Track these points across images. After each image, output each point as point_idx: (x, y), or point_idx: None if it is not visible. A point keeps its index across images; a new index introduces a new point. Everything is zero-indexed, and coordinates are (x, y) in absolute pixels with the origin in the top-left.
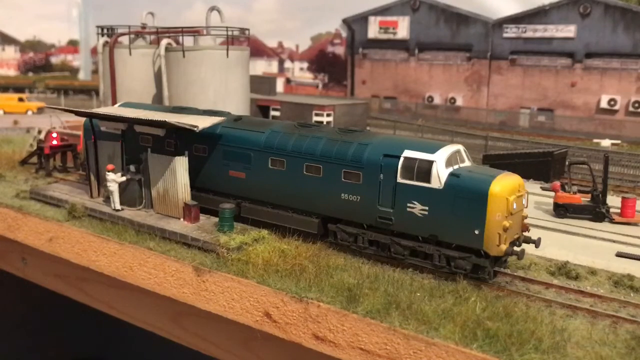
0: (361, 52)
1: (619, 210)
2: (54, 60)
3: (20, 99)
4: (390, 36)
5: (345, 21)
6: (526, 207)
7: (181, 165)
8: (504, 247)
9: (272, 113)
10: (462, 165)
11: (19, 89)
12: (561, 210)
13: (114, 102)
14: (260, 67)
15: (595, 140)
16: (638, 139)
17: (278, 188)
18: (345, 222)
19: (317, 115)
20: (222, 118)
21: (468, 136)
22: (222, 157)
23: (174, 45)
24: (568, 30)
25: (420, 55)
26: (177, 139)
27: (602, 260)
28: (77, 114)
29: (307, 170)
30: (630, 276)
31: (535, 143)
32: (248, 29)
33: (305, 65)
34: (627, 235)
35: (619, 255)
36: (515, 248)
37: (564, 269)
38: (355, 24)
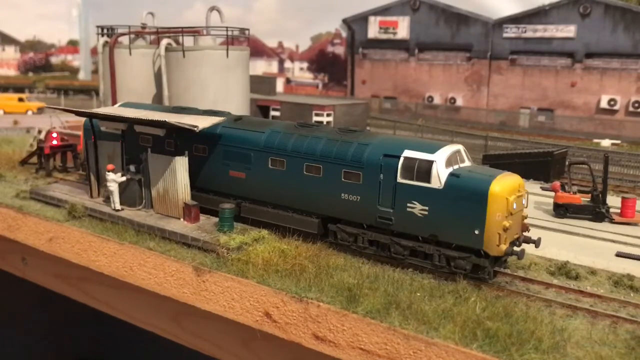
0: (361, 52)
1: (619, 210)
2: (54, 60)
3: (20, 99)
4: (390, 36)
5: (345, 21)
6: (526, 207)
7: (181, 165)
8: (504, 247)
9: (272, 113)
10: (462, 165)
11: (19, 89)
12: (561, 210)
13: (114, 102)
14: (260, 67)
15: (595, 140)
16: (638, 139)
17: (278, 188)
18: (345, 222)
19: (317, 115)
20: (222, 118)
21: (468, 136)
22: (222, 157)
23: (174, 45)
24: (568, 30)
25: (420, 55)
26: (177, 139)
27: (602, 260)
28: (77, 114)
29: (307, 170)
30: (630, 276)
31: (535, 143)
32: (248, 29)
33: (305, 65)
34: (627, 235)
35: (619, 255)
36: (515, 248)
37: (564, 269)
38: (355, 24)
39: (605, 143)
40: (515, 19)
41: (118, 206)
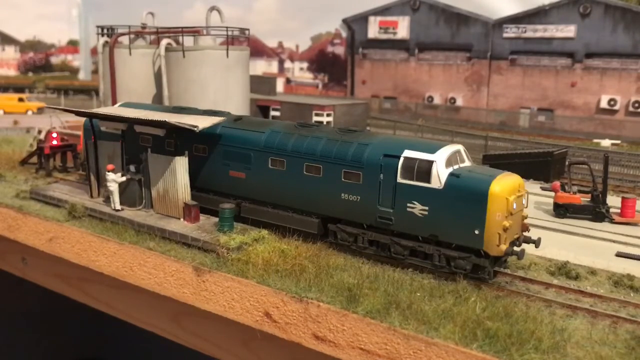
0: (361, 52)
1: (619, 210)
2: (54, 60)
3: (20, 99)
4: (390, 36)
5: (345, 21)
6: (526, 207)
7: (181, 165)
8: (504, 247)
9: (272, 113)
10: (462, 165)
11: (19, 89)
12: (561, 210)
13: (114, 102)
14: (260, 67)
15: (595, 140)
16: (638, 139)
17: (278, 188)
18: (345, 222)
19: (317, 115)
20: (222, 118)
21: (468, 136)
22: (222, 157)
23: (174, 45)
24: (568, 30)
25: (420, 55)
26: (177, 139)
27: (602, 260)
28: (77, 114)
29: (307, 170)
30: (630, 276)
31: (535, 143)
32: (248, 29)
33: (305, 65)
34: (627, 235)
35: (619, 255)
36: (515, 248)
37: (564, 269)
38: (355, 24)
39: (605, 143)
40: (515, 19)
41: (118, 206)
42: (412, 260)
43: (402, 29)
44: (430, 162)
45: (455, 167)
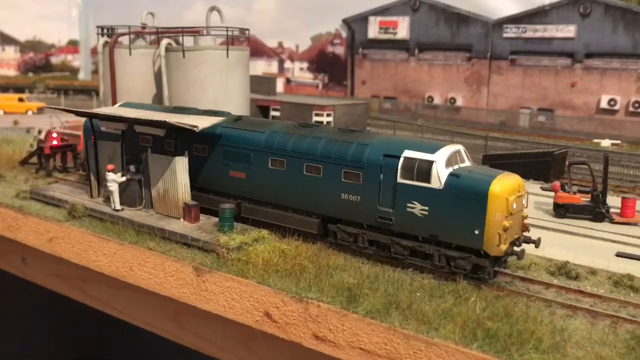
0: (361, 52)
1: (619, 210)
2: (54, 60)
3: (21, 99)
4: (390, 36)
5: (345, 21)
6: (526, 207)
7: (181, 165)
8: (503, 247)
9: (272, 113)
10: (462, 165)
11: (19, 89)
12: (561, 210)
13: (114, 102)
14: (260, 67)
15: (595, 140)
16: (638, 139)
17: (278, 188)
18: (345, 222)
19: (317, 115)
20: (222, 118)
21: (468, 136)
22: (222, 157)
23: (174, 45)
24: (568, 30)
25: (420, 55)
26: (177, 139)
27: (602, 260)
28: (77, 114)
29: (307, 170)
30: (630, 276)
31: (535, 143)
32: (248, 29)
33: (305, 65)
34: (627, 235)
35: (619, 255)
36: (515, 248)
37: (564, 269)
38: (355, 24)
39: (605, 143)
40: (515, 19)
41: (118, 206)
42: (412, 260)
43: (402, 29)
44: (430, 162)
45: (455, 167)
